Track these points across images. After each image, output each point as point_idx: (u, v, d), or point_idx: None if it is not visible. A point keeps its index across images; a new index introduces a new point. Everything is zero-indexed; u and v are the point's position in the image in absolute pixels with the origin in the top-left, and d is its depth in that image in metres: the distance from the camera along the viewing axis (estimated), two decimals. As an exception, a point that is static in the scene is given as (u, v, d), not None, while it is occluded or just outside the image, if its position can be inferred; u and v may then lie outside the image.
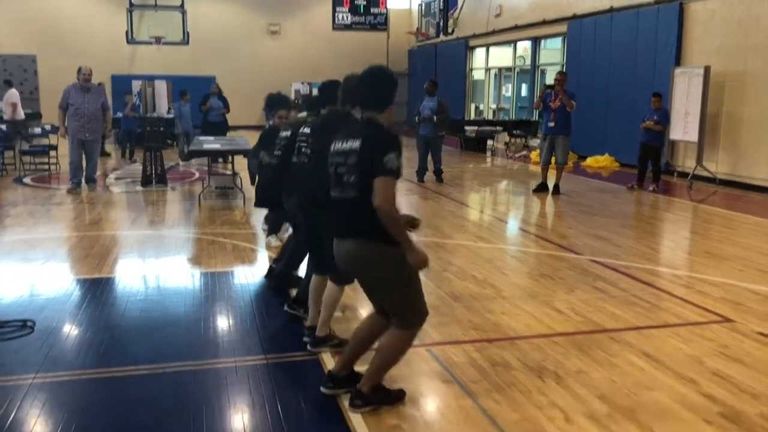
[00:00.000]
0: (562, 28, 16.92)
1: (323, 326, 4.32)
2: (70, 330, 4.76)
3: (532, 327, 4.80)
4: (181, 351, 4.39)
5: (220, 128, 14.87)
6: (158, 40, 21.77)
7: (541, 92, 11.17)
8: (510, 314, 5.05)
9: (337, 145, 3.44)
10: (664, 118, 11.42)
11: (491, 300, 5.38)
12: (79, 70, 10.56)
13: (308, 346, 4.34)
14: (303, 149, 4.52)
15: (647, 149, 11.40)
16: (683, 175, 12.59)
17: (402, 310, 3.46)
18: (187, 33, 22.00)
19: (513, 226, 8.97)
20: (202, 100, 15.43)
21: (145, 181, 11.30)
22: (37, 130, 14.50)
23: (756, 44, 11.22)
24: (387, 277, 3.40)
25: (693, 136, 12.19)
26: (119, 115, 15.94)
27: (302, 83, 24.50)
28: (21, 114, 14.96)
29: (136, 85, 18.79)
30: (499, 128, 18.45)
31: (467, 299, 5.40)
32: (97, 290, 5.68)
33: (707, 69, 11.89)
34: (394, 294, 3.45)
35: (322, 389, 3.68)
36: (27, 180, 12.01)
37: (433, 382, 3.93)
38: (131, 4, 21.78)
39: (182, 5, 21.85)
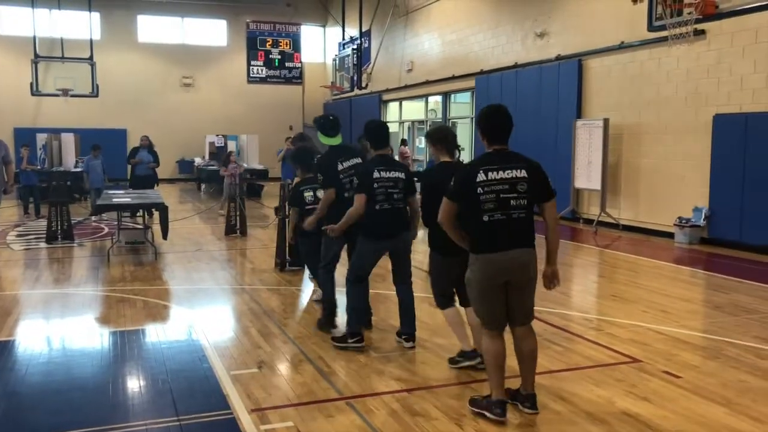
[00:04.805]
0: (471, 83, 17.62)
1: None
2: (-36, 399, 4.43)
3: (450, 375, 4.83)
4: (88, 416, 4.15)
5: (148, 182, 14.45)
6: (65, 93, 21.19)
7: None
8: (429, 363, 5.08)
9: (495, 175, 3.93)
10: None
11: (411, 349, 5.39)
12: (-21, 123, 10.11)
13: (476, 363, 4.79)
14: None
15: None
16: (588, 221, 13.18)
17: (533, 307, 4.19)
18: (97, 85, 21.55)
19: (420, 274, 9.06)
20: (130, 154, 15.05)
21: (50, 238, 10.81)
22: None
23: (648, 99, 12.03)
24: (536, 275, 4.14)
25: (596, 184, 12.84)
26: (18, 169, 15.28)
27: (217, 136, 24.31)
28: None
29: (41, 138, 18.20)
30: (414, 179, 18.78)
31: (386, 350, 5.39)
32: (-6, 355, 5.33)
33: (606, 121, 12.62)
34: (534, 292, 4.14)
35: (532, 411, 4.11)
36: None
37: (353, 435, 3.88)
38: (36, 55, 21.17)
39: (91, 57, 21.43)
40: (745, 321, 6.34)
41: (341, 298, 5.90)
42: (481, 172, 3.95)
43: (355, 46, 22.87)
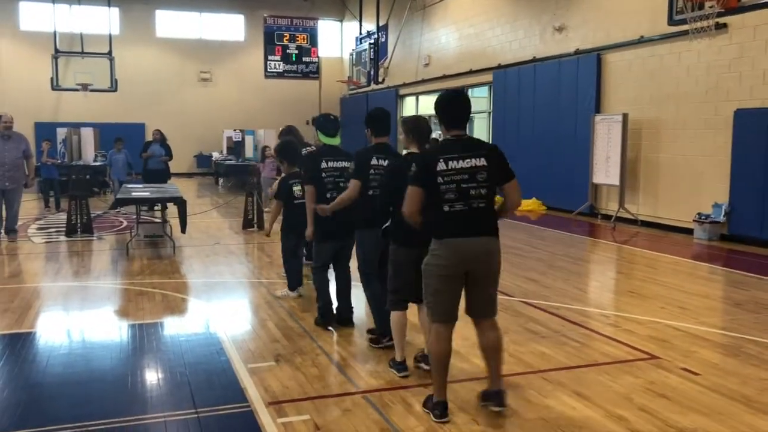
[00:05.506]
0: (488, 77, 17.53)
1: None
2: (-14, 389, 4.50)
3: (465, 370, 4.82)
4: (107, 408, 4.20)
5: (161, 176, 14.49)
6: (85, 87, 21.35)
7: None
8: (445, 358, 5.07)
9: (455, 164, 3.85)
10: None
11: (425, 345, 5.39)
12: (0, 117, 10.23)
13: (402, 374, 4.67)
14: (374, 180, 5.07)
15: None
16: (607, 217, 13.08)
17: (497, 296, 4.11)
18: (115, 80, 21.71)
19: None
20: (143, 148, 15.15)
21: (70, 231, 10.93)
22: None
23: (668, 94, 11.90)
24: (500, 266, 4.05)
25: (615, 179, 12.73)
26: (38, 163, 15.44)
27: (234, 131, 24.37)
28: None
29: (61, 132, 18.36)
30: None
31: (402, 344, 5.39)
32: (16, 346, 5.40)
33: (625, 116, 12.51)
34: (498, 284, 4.10)
35: (500, 408, 4.02)
36: (-59, 232, 11.41)
37: (370, 430, 3.89)
38: (56, 51, 21.37)
39: (110, 52, 21.59)
40: (765, 318, 6.27)
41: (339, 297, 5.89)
42: (441, 161, 3.85)
43: (372, 41, 22.85)
